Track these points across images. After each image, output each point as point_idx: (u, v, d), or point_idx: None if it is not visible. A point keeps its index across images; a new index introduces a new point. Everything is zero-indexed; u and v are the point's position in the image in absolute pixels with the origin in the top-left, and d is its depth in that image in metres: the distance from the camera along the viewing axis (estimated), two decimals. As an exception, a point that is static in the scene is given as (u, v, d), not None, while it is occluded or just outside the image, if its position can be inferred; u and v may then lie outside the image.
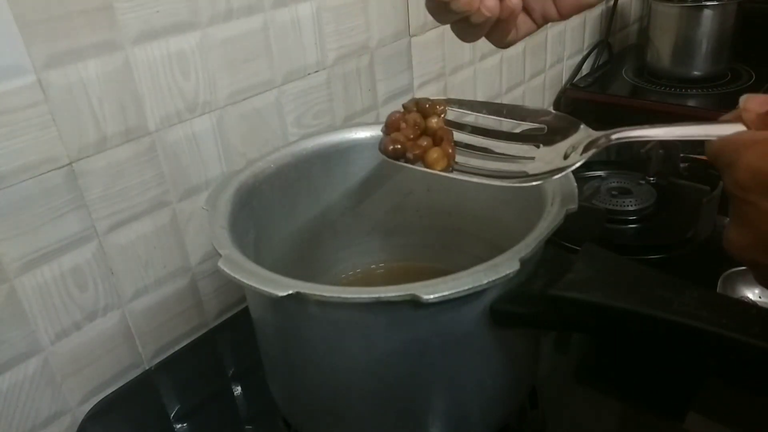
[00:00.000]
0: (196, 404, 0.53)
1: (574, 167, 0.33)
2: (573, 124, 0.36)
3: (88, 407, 0.52)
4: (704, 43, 1.00)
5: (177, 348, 0.58)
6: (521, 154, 0.36)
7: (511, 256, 0.34)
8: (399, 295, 0.33)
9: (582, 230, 0.58)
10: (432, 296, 0.32)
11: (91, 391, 0.53)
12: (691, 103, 0.98)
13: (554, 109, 1.04)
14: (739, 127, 0.29)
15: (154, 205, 0.53)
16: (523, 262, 0.34)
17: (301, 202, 0.52)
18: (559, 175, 0.34)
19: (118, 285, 0.52)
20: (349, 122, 0.68)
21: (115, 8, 0.46)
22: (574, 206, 0.39)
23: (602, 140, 0.33)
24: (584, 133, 0.35)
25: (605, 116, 0.98)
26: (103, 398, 0.53)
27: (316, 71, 0.63)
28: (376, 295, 0.33)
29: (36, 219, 0.46)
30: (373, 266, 0.59)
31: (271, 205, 0.49)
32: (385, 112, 0.73)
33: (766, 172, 0.26)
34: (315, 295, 0.33)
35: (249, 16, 0.55)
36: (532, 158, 0.35)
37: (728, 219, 0.29)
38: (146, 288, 0.54)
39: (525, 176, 0.35)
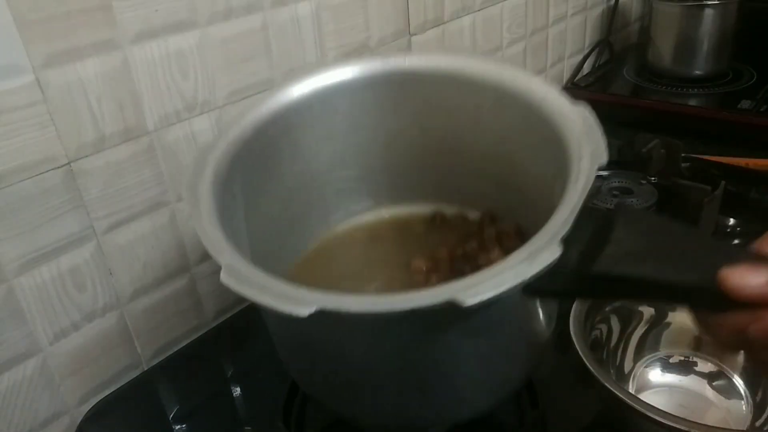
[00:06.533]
0: (195, 405, 0.53)
1: None
2: None
3: (86, 408, 0.52)
4: (705, 42, 0.99)
5: (176, 348, 0.58)
6: None
7: (549, 238, 0.30)
8: (437, 303, 0.29)
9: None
10: (474, 300, 0.29)
11: (89, 391, 0.52)
12: (692, 102, 0.97)
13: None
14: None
15: (152, 204, 0.53)
16: (563, 242, 0.30)
17: (285, 160, 0.48)
18: None
19: (116, 285, 0.52)
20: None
21: (113, 7, 0.46)
22: (603, 160, 0.35)
23: None
24: None
25: (606, 116, 0.98)
26: (101, 399, 0.53)
27: (316, 70, 0.63)
28: (412, 306, 0.30)
29: (34, 219, 0.45)
30: (366, 212, 0.55)
31: (255, 172, 0.45)
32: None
33: None
34: (341, 311, 0.30)
35: (248, 15, 0.55)
36: None
37: None
38: (145, 288, 0.54)
39: None
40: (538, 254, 0.30)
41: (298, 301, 0.29)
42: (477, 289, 0.29)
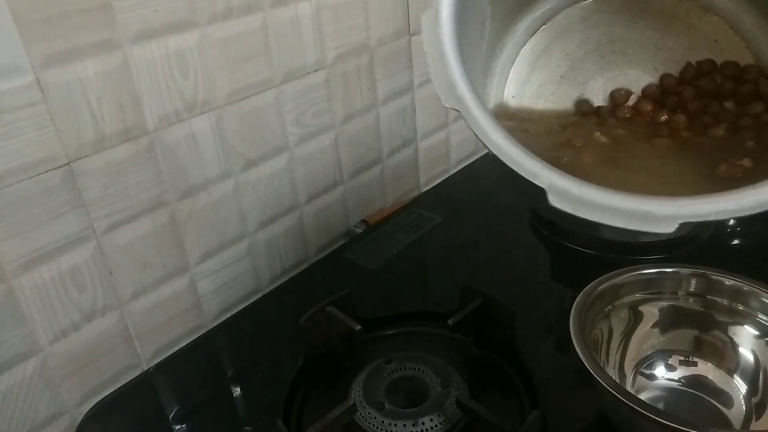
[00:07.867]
0: (195, 405, 0.53)
1: None
2: None
3: (86, 408, 0.52)
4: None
5: (176, 349, 0.58)
6: None
7: None
8: None
9: (584, 230, 0.57)
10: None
11: (89, 392, 0.52)
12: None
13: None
14: None
15: (152, 205, 0.53)
16: None
17: None
18: None
19: (116, 285, 0.52)
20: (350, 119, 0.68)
21: (113, 7, 0.46)
22: None
23: None
24: None
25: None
26: (101, 399, 0.53)
27: (316, 70, 0.63)
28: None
29: (34, 219, 0.45)
30: None
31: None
32: (384, 112, 0.72)
33: None
34: (705, 221, 0.27)
35: (248, 15, 0.55)
36: None
37: None
38: (145, 288, 0.54)
39: None
40: None
41: (658, 219, 0.26)
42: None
